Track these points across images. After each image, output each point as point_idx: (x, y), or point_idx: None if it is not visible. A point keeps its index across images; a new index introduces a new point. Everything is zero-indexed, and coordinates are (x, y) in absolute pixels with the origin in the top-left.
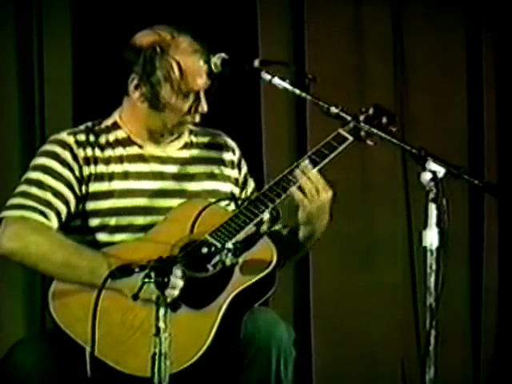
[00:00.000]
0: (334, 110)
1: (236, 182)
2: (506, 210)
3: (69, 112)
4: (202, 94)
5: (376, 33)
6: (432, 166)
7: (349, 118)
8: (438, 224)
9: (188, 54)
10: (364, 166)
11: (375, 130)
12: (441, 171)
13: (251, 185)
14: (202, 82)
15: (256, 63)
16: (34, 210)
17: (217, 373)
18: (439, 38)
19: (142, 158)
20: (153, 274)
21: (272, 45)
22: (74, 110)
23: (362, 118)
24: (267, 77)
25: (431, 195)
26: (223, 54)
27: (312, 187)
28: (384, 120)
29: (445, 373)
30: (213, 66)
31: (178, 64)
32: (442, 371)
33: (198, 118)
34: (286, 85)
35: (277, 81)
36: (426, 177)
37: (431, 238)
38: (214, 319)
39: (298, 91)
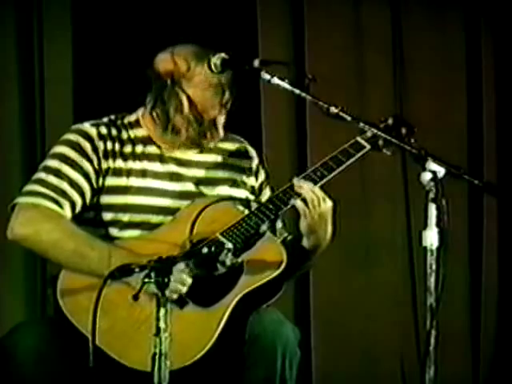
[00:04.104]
0: (333, 109)
1: (252, 189)
2: (505, 210)
3: (69, 111)
4: (218, 119)
5: (376, 33)
6: (432, 165)
7: (349, 118)
8: (438, 224)
9: (200, 89)
10: (364, 165)
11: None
12: (441, 171)
13: (266, 194)
14: (214, 113)
15: (256, 63)
16: (48, 197)
17: (221, 372)
18: (439, 37)
19: (161, 158)
20: (153, 274)
21: (272, 45)
22: (74, 110)
23: (381, 126)
24: (267, 77)
25: (431, 195)
26: (223, 54)
27: (314, 197)
28: (403, 131)
29: (445, 373)
30: (213, 66)
31: (189, 98)
32: (442, 371)
33: (214, 143)
34: (286, 85)
35: (276, 81)
36: (426, 177)
37: (431, 238)
38: (220, 318)
39: (297, 91)
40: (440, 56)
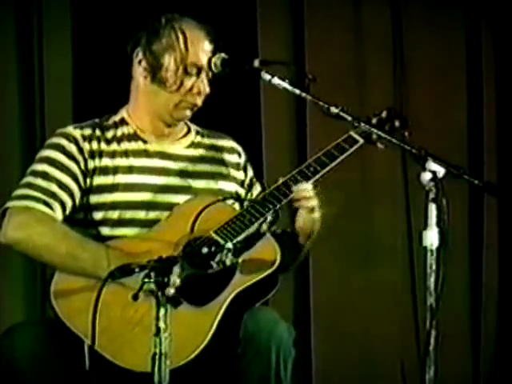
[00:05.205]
0: (333, 110)
1: (242, 183)
2: (505, 210)
3: (69, 111)
4: (203, 75)
5: (376, 33)
6: (432, 166)
7: (349, 118)
8: (438, 224)
9: (194, 28)
10: (364, 165)
11: (377, 131)
12: (441, 171)
13: (257, 188)
14: (205, 58)
15: (256, 63)
16: (39, 200)
17: (216, 371)
18: (439, 37)
19: (146, 154)
20: (153, 274)
21: (272, 45)
22: (74, 110)
23: (374, 120)
24: (267, 77)
25: (431, 195)
26: (223, 54)
27: (306, 194)
28: (397, 123)
29: (445, 373)
30: (213, 66)
31: (183, 34)
32: (442, 371)
33: (199, 101)
34: (286, 85)
35: (277, 81)
36: (426, 177)
37: (431, 238)
38: (214, 317)
39: (297, 91)
40: (440, 56)
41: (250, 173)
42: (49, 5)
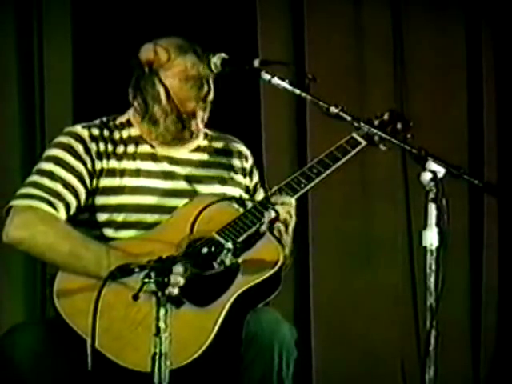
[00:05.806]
0: (333, 109)
1: (247, 189)
2: (506, 210)
3: (69, 112)
4: (198, 116)
5: (376, 33)
6: (432, 166)
7: (349, 118)
8: (438, 224)
9: (178, 80)
10: (364, 165)
11: (376, 131)
12: (441, 171)
13: (260, 194)
14: (191, 106)
15: (256, 63)
16: (43, 200)
17: (218, 371)
18: (439, 37)
19: (153, 157)
20: (153, 274)
21: (272, 45)
22: (74, 110)
23: (376, 122)
24: (267, 77)
25: (431, 195)
26: (223, 54)
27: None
28: (399, 126)
29: (445, 373)
30: (213, 66)
31: (166, 88)
32: (442, 371)
33: (195, 135)
34: (286, 85)
35: (276, 81)
36: (426, 177)
37: (431, 238)
38: (216, 317)
39: (297, 91)
40: (440, 56)
41: (255, 178)
42: (49, 5)
